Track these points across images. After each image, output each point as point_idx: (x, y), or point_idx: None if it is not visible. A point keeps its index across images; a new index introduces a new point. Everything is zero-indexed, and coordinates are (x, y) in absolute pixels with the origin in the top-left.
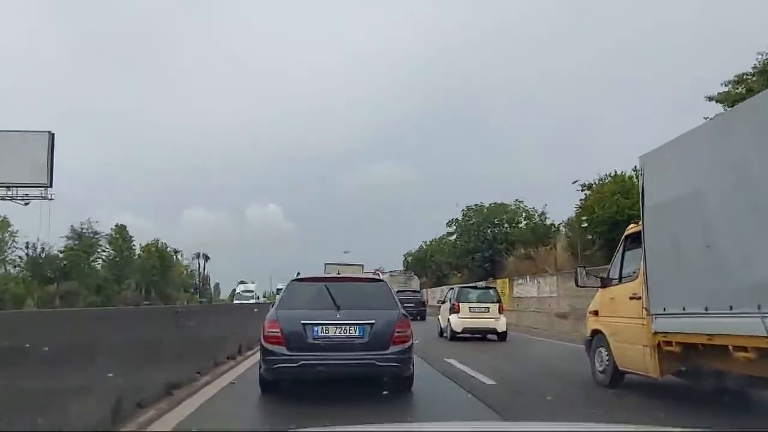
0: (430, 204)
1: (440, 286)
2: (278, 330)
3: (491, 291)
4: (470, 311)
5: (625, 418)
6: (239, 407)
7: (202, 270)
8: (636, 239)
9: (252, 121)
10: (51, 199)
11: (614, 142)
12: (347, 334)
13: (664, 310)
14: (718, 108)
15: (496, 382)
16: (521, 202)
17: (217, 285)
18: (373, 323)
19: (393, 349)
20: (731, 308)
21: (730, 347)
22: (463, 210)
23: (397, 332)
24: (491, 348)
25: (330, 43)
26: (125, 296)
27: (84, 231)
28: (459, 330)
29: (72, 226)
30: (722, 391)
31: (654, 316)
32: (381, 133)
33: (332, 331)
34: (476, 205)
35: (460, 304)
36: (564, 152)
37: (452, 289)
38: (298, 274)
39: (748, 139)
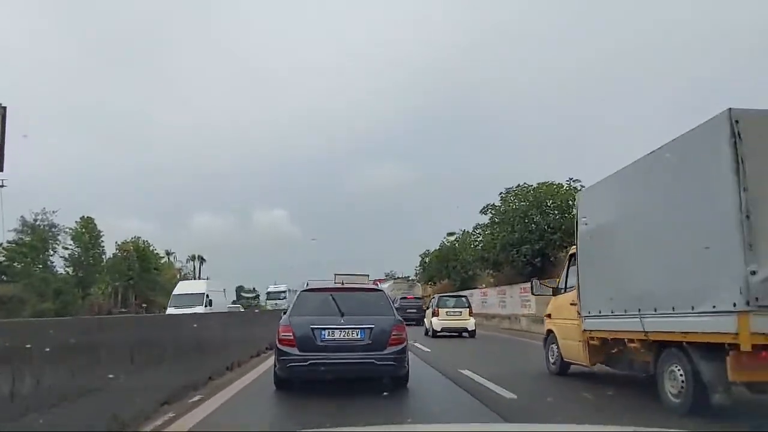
0: (436, 205)
1: (467, 289)
2: (291, 334)
3: (463, 299)
4: (447, 315)
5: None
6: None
7: (197, 273)
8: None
9: (252, 122)
10: (2, 185)
11: (615, 142)
12: (350, 336)
13: (589, 313)
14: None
15: None
16: (577, 181)
17: (223, 291)
18: (372, 327)
19: (390, 349)
20: (625, 311)
21: (626, 340)
22: (501, 193)
23: (394, 335)
24: None
25: (331, 43)
26: (92, 303)
27: (38, 223)
28: (439, 329)
29: (22, 216)
30: (633, 375)
31: (583, 318)
32: (382, 135)
33: (337, 335)
34: (518, 186)
35: (439, 309)
36: (566, 152)
37: (434, 297)
38: (307, 284)
39: (640, 186)
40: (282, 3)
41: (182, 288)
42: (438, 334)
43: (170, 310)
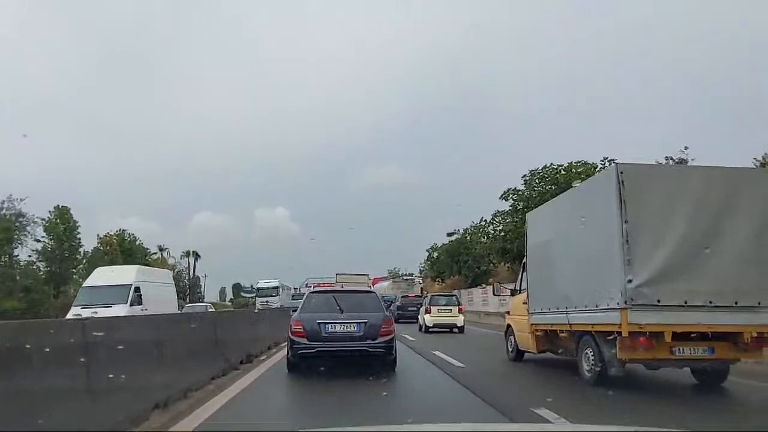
0: (439, 203)
1: (479, 285)
2: (301, 327)
3: (453, 297)
4: (439, 312)
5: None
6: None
7: (191, 271)
8: None
9: (253, 120)
10: None
11: (622, 136)
12: (348, 329)
13: (534, 310)
14: None
15: None
16: (612, 161)
17: (222, 290)
18: (366, 322)
19: (380, 339)
20: (557, 309)
21: (558, 331)
22: (524, 177)
23: (383, 328)
24: None
25: (333, 41)
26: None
27: (3, 212)
28: (431, 325)
29: None
30: (571, 360)
31: (531, 314)
32: (386, 133)
33: (338, 328)
34: (545, 167)
35: (431, 307)
36: (572, 147)
37: (426, 296)
38: (308, 284)
39: (565, 215)
40: (283, 1)
41: (97, 277)
42: (430, 329)
43: (74, 311)
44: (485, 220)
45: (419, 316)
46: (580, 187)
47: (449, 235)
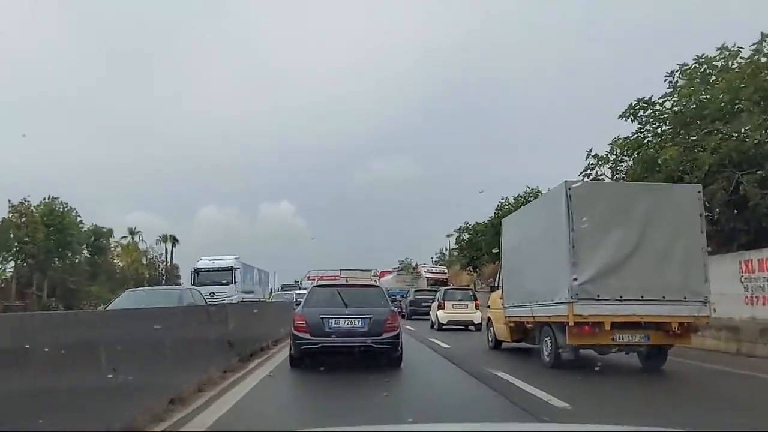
0: (446, 197)
1: None
2: (304, 322)
3: (469, 292)
4: (453, 308)
5: None
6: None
7: (168, 258)
8: None
9: (256, 115)
10: None
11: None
12: (353, 324)
13: (508, 304)
14: None
15: None
16: None
17: None
18: (371, 317)
19: (385, 335)
20: (524, 303)
21: (525, 322)
22: (669, 76)
23: (389, 323)
24: None
25: (337, 38)
26: None
27: None
28: (445, 322)
29: None
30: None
31: (505, 308)
32: (388, 129)
33: (342, 323)
34: (722, 48)
35: (445, 302)
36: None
37: (438, 290)
38: (309, 277)
39: (530, 223)
40: None
41: None
42: (444, 327)
43: None
44: (595, 155)
45: (431, 312)
46: (540, 200)
47: (449, 236)
